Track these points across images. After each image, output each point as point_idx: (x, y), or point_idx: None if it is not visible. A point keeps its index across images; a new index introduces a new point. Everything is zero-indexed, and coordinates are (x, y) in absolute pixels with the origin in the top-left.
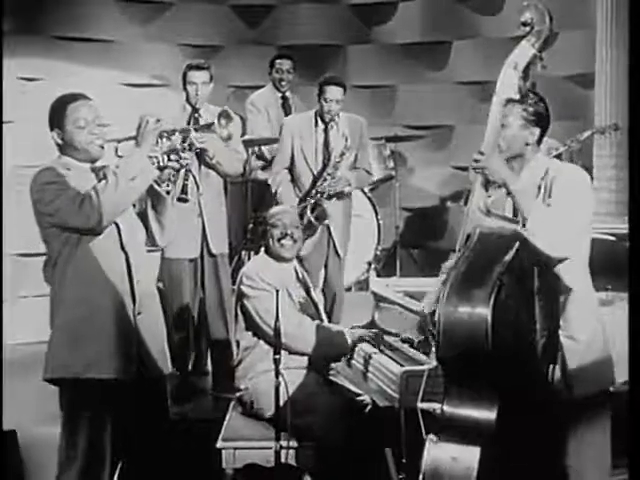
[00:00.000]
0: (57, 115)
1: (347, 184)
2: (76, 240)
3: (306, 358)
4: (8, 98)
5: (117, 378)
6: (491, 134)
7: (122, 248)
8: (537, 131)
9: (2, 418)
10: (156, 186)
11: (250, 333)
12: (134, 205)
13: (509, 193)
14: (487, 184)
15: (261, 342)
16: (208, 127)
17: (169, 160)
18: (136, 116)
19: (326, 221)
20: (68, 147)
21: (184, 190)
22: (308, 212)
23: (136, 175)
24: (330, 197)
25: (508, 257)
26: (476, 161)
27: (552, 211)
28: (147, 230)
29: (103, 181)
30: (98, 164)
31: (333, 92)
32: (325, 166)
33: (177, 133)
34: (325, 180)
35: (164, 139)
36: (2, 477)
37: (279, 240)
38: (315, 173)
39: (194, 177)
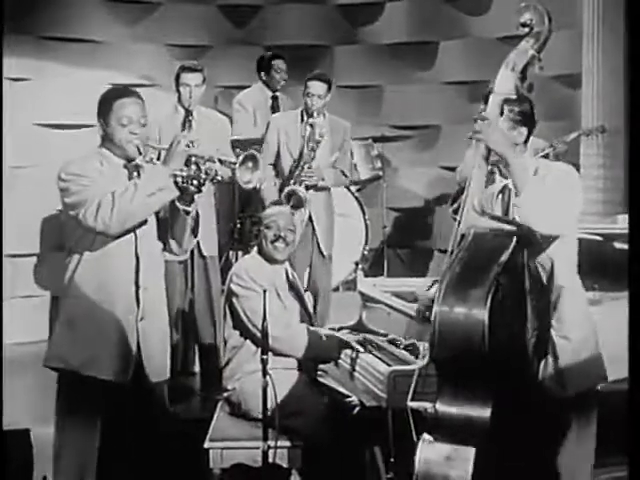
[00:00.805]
0: (104, 107)
1: (321, 178)
2: (91, 239)
3: (294, 359)
4: None
5: (112, 380)
6: None
7: (135, 253)
8: (525, 131)
9: (2, 418)
10: (178, 203)
11: (237, 332)
12: (157, 212)
13: (507, 166)
14: (485, 182)
15: (248, 342)
16: (232, 165)
17: (191, 185)
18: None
19: (302, 209)
20: (108, 141)
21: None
22: (284, 200)
23: (155, 192)
24: (308, 187)
25: (504, 257)
26: (477, 132)
27: (545, 191)
28: (164, 240)
29: (122, 189)
30: (133, 162)
31: (316, 87)
32: (302, 154)
33: (205, 161)
34: (302, 169)
35: (192, 164)
36: (2, 477)
37: (272, 242)
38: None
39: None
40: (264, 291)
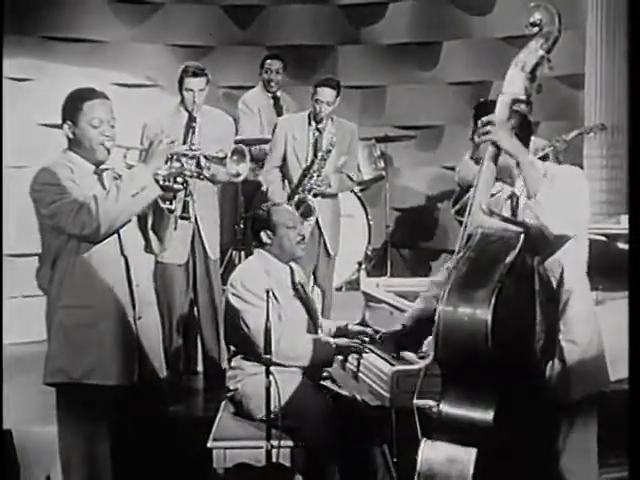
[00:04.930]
0: (72, 109)
1: (328, 185)
2: (76, 246)
3: None
4: None
5: (119, 384)
6: None
7: (122, 253)
8: (529, 137)
9: (2, 418)
10: (160, 202)
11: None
12: None
13: (518, 164)
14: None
15: None
16: (220, 160)
17: (174, 182)
18: (125, 116)
19: (311, 218)
20: (77, 143)
21: (185, 208)
22: (294, 209)
23: (138, 192)
24: (316, 195)
25: (510, 258)
26: (485, 133)
27: (558, 192)
28: (145, 238)
29: (104, 192)
30: (102, 166)
31: (324, 94)
32: (312, 163)
33: (188, 158)
34: (312, 177)
35: (174, 161)
36: (2, 477)
37: (298, 243)
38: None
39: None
40: (267, 291)
